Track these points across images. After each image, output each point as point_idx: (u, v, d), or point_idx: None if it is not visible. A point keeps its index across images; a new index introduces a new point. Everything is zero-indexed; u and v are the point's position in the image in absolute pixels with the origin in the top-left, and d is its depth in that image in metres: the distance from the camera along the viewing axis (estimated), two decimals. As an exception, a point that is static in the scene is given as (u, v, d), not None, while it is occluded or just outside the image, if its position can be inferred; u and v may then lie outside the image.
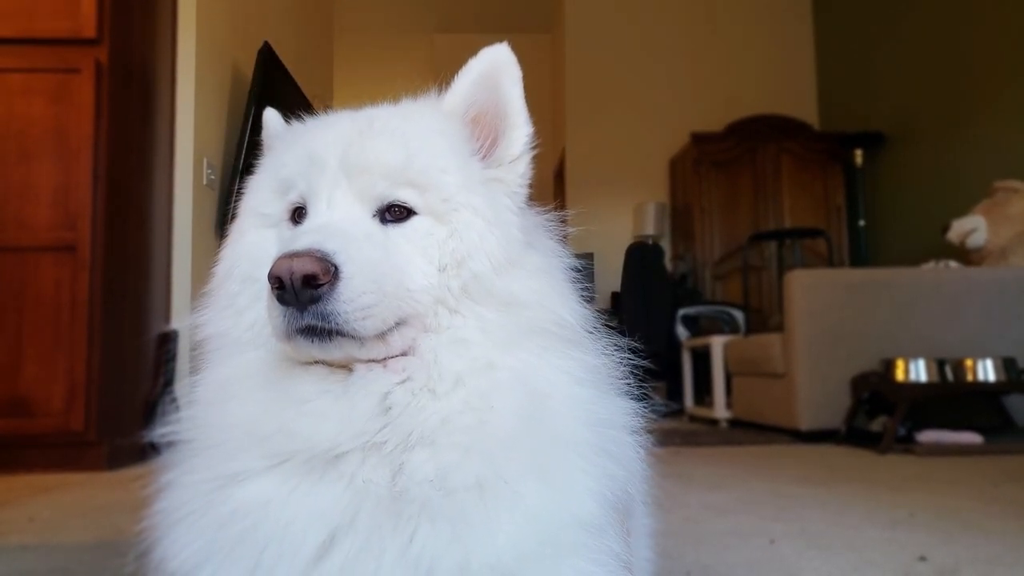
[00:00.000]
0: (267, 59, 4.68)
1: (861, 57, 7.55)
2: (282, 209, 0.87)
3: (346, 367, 0.78)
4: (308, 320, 0.72)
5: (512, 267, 0.83)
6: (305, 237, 0.75)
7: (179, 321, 3.91)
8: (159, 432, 0.85)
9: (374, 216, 0.83)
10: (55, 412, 3.12)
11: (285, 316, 0.73)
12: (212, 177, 4.30)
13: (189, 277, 4.01)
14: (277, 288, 0.72)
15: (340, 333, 0.73)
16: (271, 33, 5.07)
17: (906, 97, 6.76)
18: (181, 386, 3.74)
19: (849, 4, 7.85)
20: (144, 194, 3.75)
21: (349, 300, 0.73)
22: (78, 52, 3.29)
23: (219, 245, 0.95)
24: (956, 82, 6.10)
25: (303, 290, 0.71)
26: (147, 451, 0.85)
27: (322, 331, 0.73)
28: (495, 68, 0.90)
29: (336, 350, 0.75)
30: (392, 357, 0.78)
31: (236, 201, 0.96)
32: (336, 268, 0.72)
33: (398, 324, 0.77)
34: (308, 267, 0.71)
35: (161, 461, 0.83)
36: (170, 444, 0.83)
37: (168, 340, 3.82)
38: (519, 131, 0.90)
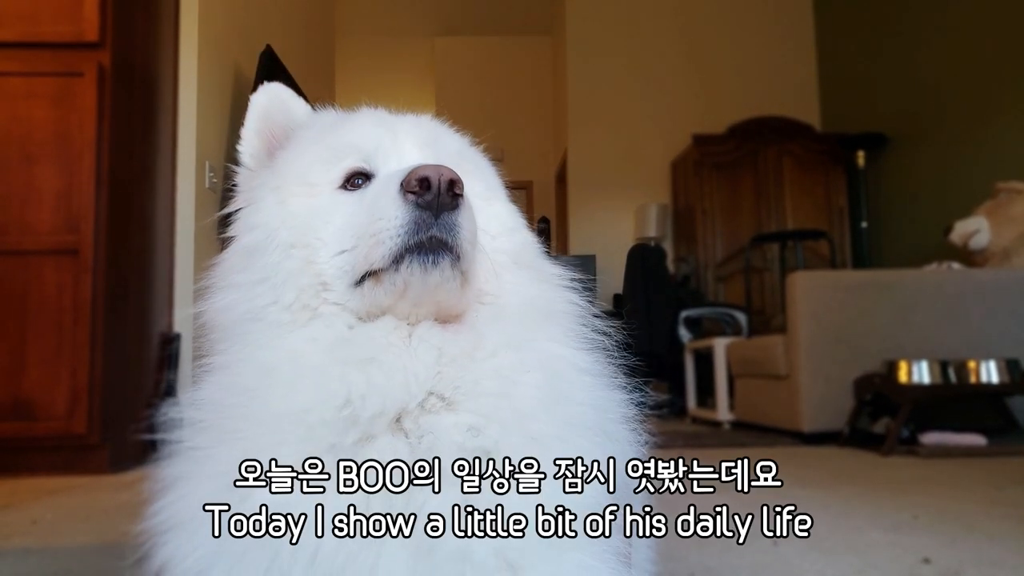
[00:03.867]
0: (269, 62, 4.68)
1: (862, 58, 7.54)
2: (333, 177, 0.87)
3: (410, 323, 0.79)
4: (435, 231, 0.75)
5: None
6: (420, 164, 0.79)
7: (182, 323, 3.92)
8: (164, 412, 0.80)
9: None
10: (58, 415, 3.12)
11: (416, 222, 0.75)
12: (214, 181, 4.30)
13: (191, 280, 4.01)
14: (420, 192, 0.74)
15: (453, 251, 0.76)
16: (273, 36, 5.08)
17: (908, 98, 6.75)
18: (182, 388, 3.74)
19: (850, 5, 7.84)
20: (146, 197, 3.76)
21: (468, 219, 0.78)
22: (80, 56, 3.29)
23: (220, 246, 0.91)
24: (958, 83, 6.09)
25: (446, 195, 0.74)
26: (149, 452, 0.81)
27: (438, 247, 0.75)
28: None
29: (437, 275, 0.76)
30: (450, 321, 0.80)
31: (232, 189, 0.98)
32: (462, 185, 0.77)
33: (467, 279, 0.80)
34: (453, 174, 0.75)
35: (162, 456, 0.78)
36: (174, 429, 0.79)
37: (170, 343, 3.83)
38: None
